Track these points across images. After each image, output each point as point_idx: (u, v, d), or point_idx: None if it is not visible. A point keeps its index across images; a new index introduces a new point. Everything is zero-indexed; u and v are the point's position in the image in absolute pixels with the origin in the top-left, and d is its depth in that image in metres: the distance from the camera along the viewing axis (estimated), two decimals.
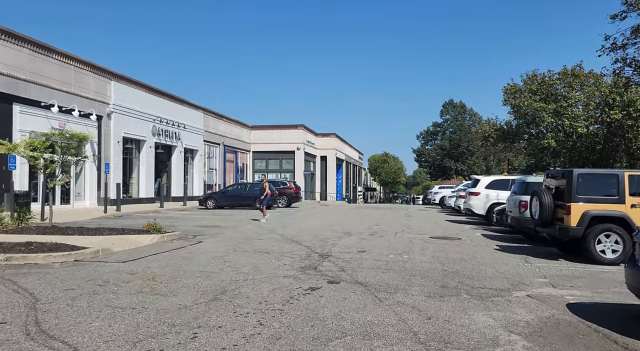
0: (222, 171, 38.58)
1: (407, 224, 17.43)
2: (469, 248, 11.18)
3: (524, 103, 24.89)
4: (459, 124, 64.34)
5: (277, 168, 46.00)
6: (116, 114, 23.92)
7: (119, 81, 24.52)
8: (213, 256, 9.10)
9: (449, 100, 65.78)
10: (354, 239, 12.33)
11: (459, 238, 13.24)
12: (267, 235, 13.03)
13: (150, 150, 27.24)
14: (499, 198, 17.29)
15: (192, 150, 33.22)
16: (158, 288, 6.30)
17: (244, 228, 14.96)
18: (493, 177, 17.95)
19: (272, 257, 9.15)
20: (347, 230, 14.54)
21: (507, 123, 27.81)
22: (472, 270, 8.28)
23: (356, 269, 8.09)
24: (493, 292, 6.69)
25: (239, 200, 26.12)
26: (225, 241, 11.51)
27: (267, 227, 15.46)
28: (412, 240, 12.37)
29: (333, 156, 52.48)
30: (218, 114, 38.21)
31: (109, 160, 23.32)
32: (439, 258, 9.56)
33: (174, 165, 30.61)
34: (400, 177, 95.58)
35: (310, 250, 10.27)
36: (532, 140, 25.84)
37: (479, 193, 17.59)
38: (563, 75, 25.09)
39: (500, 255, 10.16)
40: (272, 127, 46.10)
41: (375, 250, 10.39)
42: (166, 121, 28.74)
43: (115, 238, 10.37)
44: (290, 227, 15.59)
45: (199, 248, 10.22)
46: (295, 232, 13.94)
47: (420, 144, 69.22)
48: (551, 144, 23.96)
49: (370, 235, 13.33)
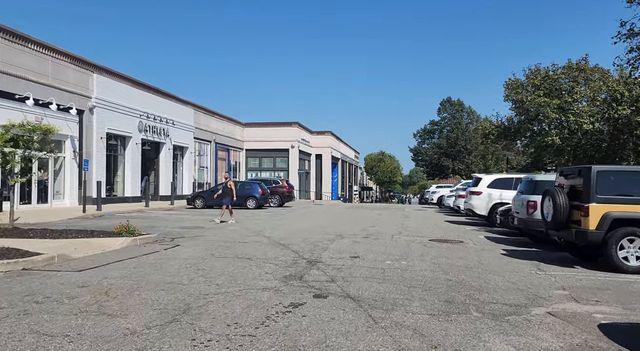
0: (214, 169, 37.47)
1: (404, 225, 16.42)
2: (473, 253, 10.17)
3: (526, 99, 23.83)
4: (457, 122, 63.32)
5: (271, 167, 44.94)
6: (99, 109, 22.77)
7: (102, 74, 23.36)
8: (186, 263, 8.04)
9: (447, 98, 64.88)
10: (347, 242, 11.30)
11: (460, 241, 12.23)
12: (252, 237, 11.98)
13: (136, 147, 26.11)
14: (502, 198, 16.29)
15: (181, 147, 32.09)
16: (108, 306, 5.24)
17: (228, 229, 13.90)
18: (495, 176, 16.96)
19: (253, 264, 8.10)
20: (339, 232, 13.50)
21: (508, 120, 26.77)
22: (480, 280, 7.26)
23: (348, 279, 7.06)
24: (508, 309, 5.67)
25: None
26: (205, 244, 10.45)
27: (254, 228, 14.41)
28: (410, 244, 11.36)
29: (328, 154, 51.45)
30: (209, 111, 37.08)
31: (91, 157, 22.19)
32: (441, 265, 8.54)
33: (162, 163, 29.49)
34: (396, 176, 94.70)
35: (297, 255, 9.23)
36: (535, 137, 24.82)
37: (480, 192, 16.60)
38: (567, 70, 24.05)
39: (508, 261, 9.15)
40: (266, 124, 45.01)
41: (370, 256, 9.36)
42: (154, 117, 27.60)
43: (80, 241, 9.29)
44: (279, 228, 14.54)
45: (174, 253, 9.15)
46: (283, 234, 12.89)
47: (417, 143, 68.27)
48: (555, 141, 22.93)
49: (364, 238, 12.30)
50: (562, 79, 23.89)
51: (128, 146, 25.67)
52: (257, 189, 24.99)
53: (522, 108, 24.62)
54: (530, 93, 24.11)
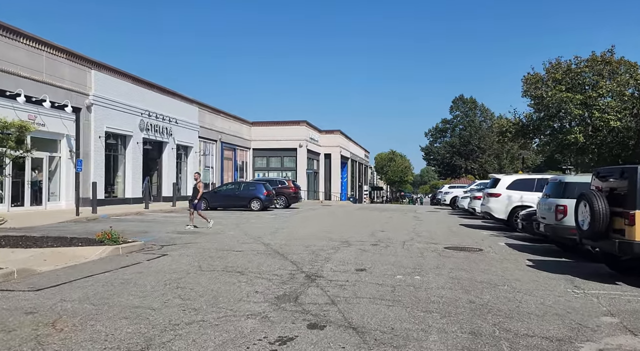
0: (220, 169, 36.58)
1: (416, 230, 15.27)
2: (495, 264, 9.01)
3: (547, 94, 22.40)
4: (470, 121, 61.63)
5: (279, 167, 43.96)
6: (97, 106, 21.93)
7: (101, 70, 22.51)
8: (167, 278, 7.01)
9: (459, 96, 63.19)
10: (353, 251, 10.20)
11: (479, 248, 11.06)
12: (249, 245, 10.93)
13: (137, 147, 25.25)
14: (523, 201, 15.06)
15: (185, 146, 31.22)
16: (47, 344, 4.20)
17: (225, 235, 12.88)
18: (515, 176, 15.72)
19: (243, 280, 7.04)
20: (346, 238, 12.40)
21: (527, 117, 25.31)
22: (509, 302, 6.12)
23: (351, 300, 5.98)
24: (549, 345, 4.54)
25: (232, 200, 24.07)
26: (195, 253, 9.42)
27: (254, 233, 13.37)
28: (423, 252, 10.22)
29: (337, 154, 50.32)
30: (215, 109, 36.19)
31: (88, 156, 21.36)
32: (460, 280, 7.40)
33: (165, 163, 28.63)
34: (407, 175, 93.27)
35: (296, 267, 8.16)
36: (556, 135, 23.36)
37: (499, 194, 15.37)
38: (592, 62, 22.58)
39: (537, 276, 7.98)
40: (274, 123, 44.02)
41: (378, 268, 8.25)
42: (155, 115, 26.73)
43: (52, 251, 8.32)
44: (280, 233, 13.48)
45: (156, 264, 8.13)
46: (284, 240, 11.83)
47: (429, 142, 66.68)
48: (578, 139, 21.48)
49: (373, 245, 11.19)
50: (585, 72, 22.39)
51: (129, 145, 24.82)
52: (262, 190, 23.99)
53: (542, 105, 23.14)
54: (551, 88, 22.67)
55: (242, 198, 23.95)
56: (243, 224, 16.21)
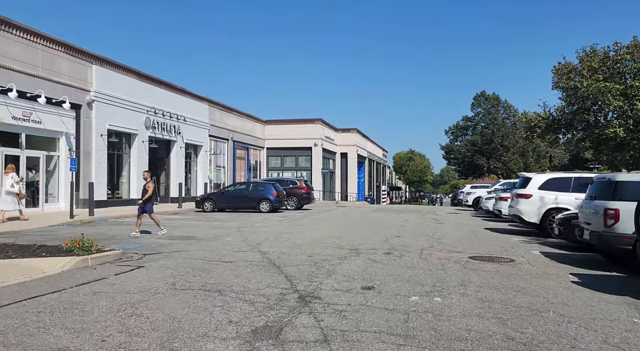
0: (232, 169, 35.48)
1: (435, 235, 13.71)
2: (533, 280, 7.45)
3: (582, 84, 20.37)
4: (492, 118, 59.10)
5: (293, 166, 42.67)
6: (99, 103, 20.95)
7: (102, 65, 21.52)
8: (124, 301, 5.70)
9: (481, 92, 60.55)
10: (362, 262, 8.76)
11: (510, 259, 9.49)
12: (244, 253, 9.59)
13: (142, 145, 24.24)
14: (558, 203, 13.37)
15: (195, 145, 30.17)
16: None
17: (221, 241, 11.56)
18: (549, 175, 14.00)
19: (219, 303, 5.69)
20: (356, 246, 10.96)
21: (558, 110, 23.24)
22: (560, 339, 4.62)
23: (350, 336, 4.56)
24: None
25: (240, 201, 22.84)
26: (177, 265, 8.12)
27: (254, 239, 12.03)
28: (444, 264, 8.72)
29: (354, 153, 48.78)
30: (226, 107, 35.09)
31: (90, 156, 20.39)
32: (491, 304, 5.91)
33: (173, 162, 27.60)
34: (427, 175, 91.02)
35: (290, 284, 6.78)
36: (592, 130, 21.30)
37: (530, 195, 13.69)
38: (633, 49, 20.48)
39: (589, 297, 6.41)
40: (288, 121, 42.74)
41: (390, 286, 6.80)
42: (162, 112, 25.70)
43: (6, 264, 7.11)
44: (283, 239, 12.12)
45: (123, 281, 6.84)
46: (285, 248, 10.46)
47: (449, 140, 64.37)
48: (618, 134, 19.44)
49: (385, 254, 9.72)
50: (626, 59, 20.29)
51: (133, 144, 23.83)
52: (272, 191, 22.70)
53: (575, 96, 21.11)
54: (586, 78, 20.63)
55: (251, 199, 22.70)
56: (246, 228, 14.92)
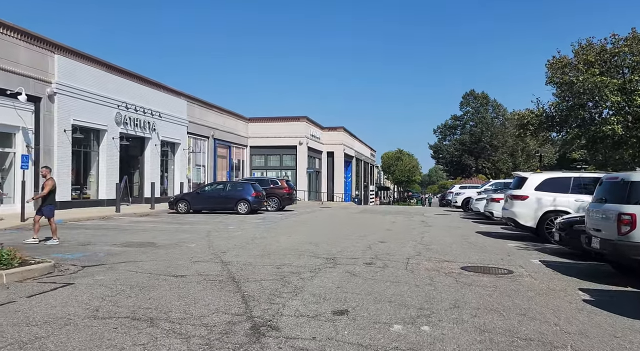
0: (213, 168, 34.03)
1: (423, 240, 12.51)
2: (538, 299, 6.26)
3: (578, 79, 19.32)
4: (481, 117, 58.34)
5: (278, 165, 41.33)
6: (62, 96, 19.41)
7: (66, 55, 19.95)
8: (12, 341, 4.36)
9: (470, 91, 59.68)
10: (338, 275, 7.50)
11: (508, 270, 8.31)
12: (202, 265, 8.26)
13: (113, 142, 22.73)
14: (556, 205, 12.27)
15: (172, 143, 28.69)
16: None
17: (182, 248, 10.21)
18: (546, 175, 12.88)
19: (142, 339, 4.38)
20: (334, 253, 9.70)
21: (553, 106, 22.13)
22: None
23: None
24: None
25: (217, 202, 21.47)
26: (113, 282, 6.78)
27: (220, 246, 10.71)
28: (433, 278, 7.50)
29: (341, 152, 47.56)
30: (206, 103, 33.63)
31: (51, 153, 18.86)
32: (493, 334, 4.69)
33: (148, 161, 26.09)
34: (415, 175, 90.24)
35: (245, 307, 5.49)
36: (588, 127, 20.22)
37: (526, 196, 12.56)
38: (632, 41, 19.49)
39: (610, 324, 5.22)
40: (272, 119, 41.40)
41: (368, 309, 5.55)
42: (135, 108, 24.19)
43: None
44: (254, 245, 10.81)
45: (32, 306, 5.49)
46: (253, 257, 9.15)
47: (438, 139, 63.47)
48: (616, 131, 18.43)
49: (366, 265, 8.47)
50: (624, 52, 19.27)
51: (103, 141, 22.29)
52: (250, 191, 21.36)
53: (571, 92, 20.06)
54: (582, 72, 19.60)
55: (228, 199, 21.33)
56: (217, 232, 13.58)
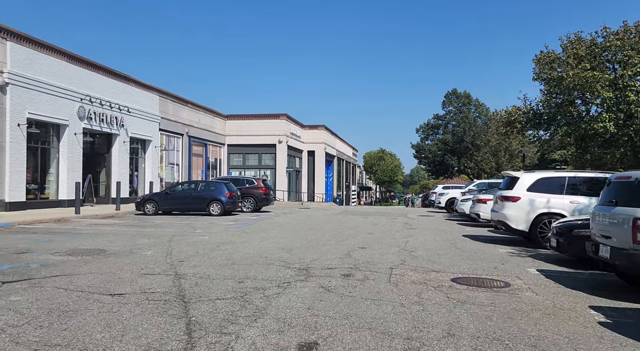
0: (187, 166, 32.53)
1: (408, 245, 11.46)
2: (545, 322, 5.22)
3: (567, 74, 18.53)
4: (464, 116, 57.91)
5: (256, 164, 39.99)
6: (15, 87, 17.81)
7: (22, 43, 18.33)
8: None
9: (452, 90, 59.12)
10: (310, 291, 6.34)
11: (505, 282, 7.28)
12: (148, 279, 7.01)
13: (75, 138, 21.14)
14: (551, 207, 11.34)
15: (142, 140, 27.14)
16: None
17: (135, 257, 8.92)
18: (539, 173, 11.94)
19: None
20: (308, 262, 8.55)
21: (542, 102, 21.24)
22: None
23: None
24: None
25: (187, 203, 20.09)
26: (27, 305, 5.51)
27: (181, 252, 9.45)
28: (421, 293, 6.42)
29: (322, 151, 46.45)
30: (180, 98, 32.11)
31: (2, 149, 17.28)
32: None
33: (116, 159, 24.53)
34: (397, 175, 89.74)
35: (187, 340, 4.29)
36: (578, 125, 19.40)
37: (518, 198, 11.61)
38: (624, 34, 18.76)
39: None
40: (250, 116, 40.05)
41: (342, 340, 4.41)
42: (100, 101, 22.62)
43: None
44: (219, 252, 9.58)
45: None
46: (214, 267, 7.93)
47: (420, 139, 62.85)
48: (609, 129, 17.64)
49: (344, 277, 7.34)
50: (616, 46, 18.46)
51: (63, 137, 20.70)
52: (224, 191, 20.04)
53: (561, 87, 19.21)
54: (572, 67, 18.80)
55: (200, 200, 19.97)
56: (181, 236, 12.29)
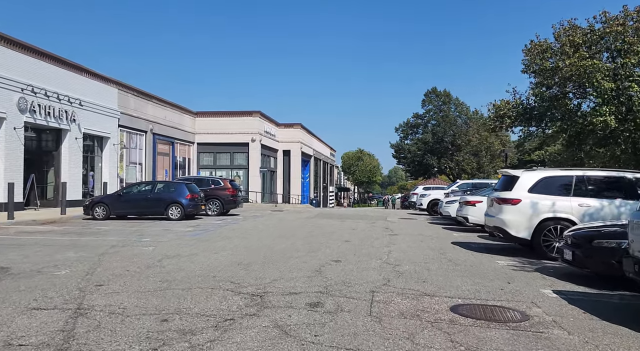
0: (152, 166, 30.17)
1: (391, 257, 9.65)
2: None
3: (564, 63, 17.00)
4: (444, 115, 56.84)
5: (228, 164, 37.82)
6: None
7: None
8: None
9: (432, 89, 58.01)
10: (258, 336, 4.42)
11: (520, 312, 5.52)
12: (26, 320, 4.99)
13: (15, 134, 18.73)
14: (556, 211, 9.69)
15: (99, 137, 24.75)
16: None
17: (42, 279, 6.84)
18: (543, 172, 10.27)
19: None
20: (265, 284, 6.64)
21: (534, 95, 19.62)
22: None
23: None
24: None
25: (143, 206, 17.90)
26: None
27: (103, 273, 7.42)
28: (414, 335, 4.61)
29: (298, 150, 44.55)
30: (144, 93, 29.75)
31: None
32: None
33: (66, 157, 22.12)
34: (376, 176, 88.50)
35: None
36: (575, 120, 17.90)
37: (518, 200, 9.93)
38: (625, 19, 17.38)
39: None
40: (222, 113, 37.84)
41: None
42: (46, 93, 20.22)
43: None
44: (154, 271, 7.57)
45: None
46: (136, 295, 5.94)
47: (400, 138, 61.55)
48: (609, 123, 16.11)
49: (309, 308, 5.46)
50: (617, 32, 16.98)
51: (0, 131, 18.25)
52: (184, 192, 17.95)
53: (555, 79, 17.64)
54: (568, 56, 17.27)
55: (157, 202, 17.81)
56: (121, 248, 10.22)
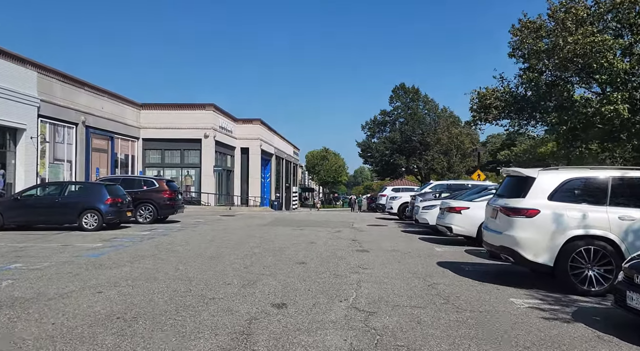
0: (84, 164, 26.13)
1: (361, 295, 6.69)
2: None
3: (566, 40, 14.28)
4: (412, 113, 54.71)
5: (178, 162, 34.07)
6: None
7: None
8: None
9: (400, 85, 55.84)
10: None
11: None
12: None
13: None
14: (589, 225, 6.93)
15: (11, 128, 20.69)
16: None
17: None
18: (566, 172, 7.49)
19: None
20: None
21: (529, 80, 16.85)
22: None
23: None
24: None
25: (49, 213, 14.24)
26: None
27: None
28: None
29: (258, 148, 41.20)
30: (74, 79, 25.69)
31: None
32: None
33: None
34: (341, 175, 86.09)
35: None
36: (577, 109, 15.28)
37: (536, 211, 7.13)
38: None
39: None
40: (171, 106, 34.05)
41: None
42: None
43: None
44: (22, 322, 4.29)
45: None
46: None
47: (367, 136, 59.05)
48: (621, 112, 13.52)
49: None
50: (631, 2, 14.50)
51: None
52: (103, 196, 14.41)
53: (557, 59, 14.91)
54: (570, 33, 14.57)
55: (67, 209, 14.18)
56: None
